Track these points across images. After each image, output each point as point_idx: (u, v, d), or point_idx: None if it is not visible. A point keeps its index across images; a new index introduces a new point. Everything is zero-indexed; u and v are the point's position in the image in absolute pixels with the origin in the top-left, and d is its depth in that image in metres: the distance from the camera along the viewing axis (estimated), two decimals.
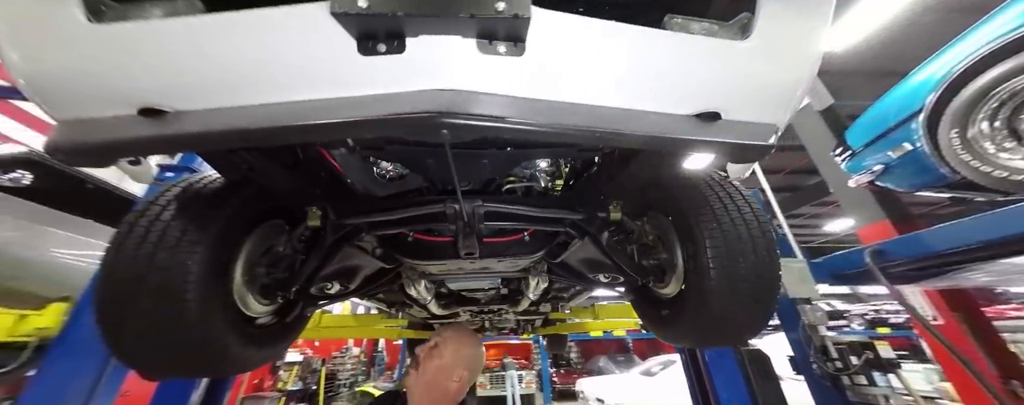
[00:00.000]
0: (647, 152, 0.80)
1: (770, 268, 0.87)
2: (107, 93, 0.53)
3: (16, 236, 1.88)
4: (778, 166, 10.06)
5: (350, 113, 0.48)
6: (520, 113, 0.52)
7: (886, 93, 2.12)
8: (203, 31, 0.50)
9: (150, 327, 0.77)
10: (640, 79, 0.60)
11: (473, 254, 0.95)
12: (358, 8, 0.42)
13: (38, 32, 0.51)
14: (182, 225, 0.80)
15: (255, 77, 0.53)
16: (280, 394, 6.93)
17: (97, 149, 0.50)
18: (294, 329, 1.19)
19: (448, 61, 0.50)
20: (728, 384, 1.77)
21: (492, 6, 0.43)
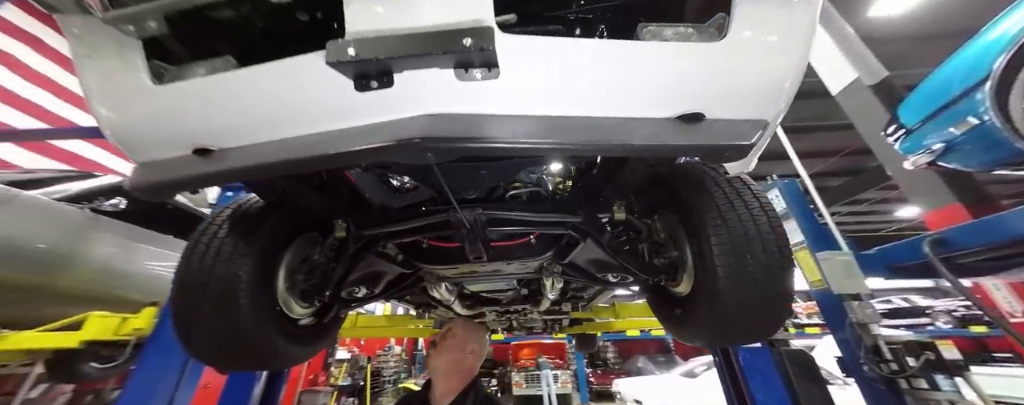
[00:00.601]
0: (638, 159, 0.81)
1: (782, 265, 0.84)
2: (170, 138, 0.66)
3: (117, 252, 2.26)
4: (834, 147, 9.12)
5: (349, 144, 0.56)
6: (497, 131, 0.57)
7: (944, 62, 1.88)
8: (236, 82, 0.60)
9: (212, 328, 0.92)
10: (615, 88, 0.62)
11: (481, 258, 1.01)
12: (348, 57, 0.50)
13: (118, 94, 0.65)
14: (233, 241, 0.94)
15: (276, 116, 0.63)
16: (332, 389, 7.52)
17: (166, 186, 0.63)
18: (331, 329, 1.33)
19: (429, 90, 0.57)
20: (765, 386, 1.68)
21: (459, 42, 0.49)
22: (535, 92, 0.61)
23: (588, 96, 0.63)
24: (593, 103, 0.63)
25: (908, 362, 1.43)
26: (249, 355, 0.99)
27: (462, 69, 0.55)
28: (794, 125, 8.40)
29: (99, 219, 2.21)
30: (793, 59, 0.62)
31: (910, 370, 1.41)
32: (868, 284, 1.75)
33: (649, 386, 5.62)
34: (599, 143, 0.59)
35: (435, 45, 0.49)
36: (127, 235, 2.33)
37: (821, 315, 1.82)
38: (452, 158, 0.58)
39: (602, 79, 0.61)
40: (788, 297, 0.86)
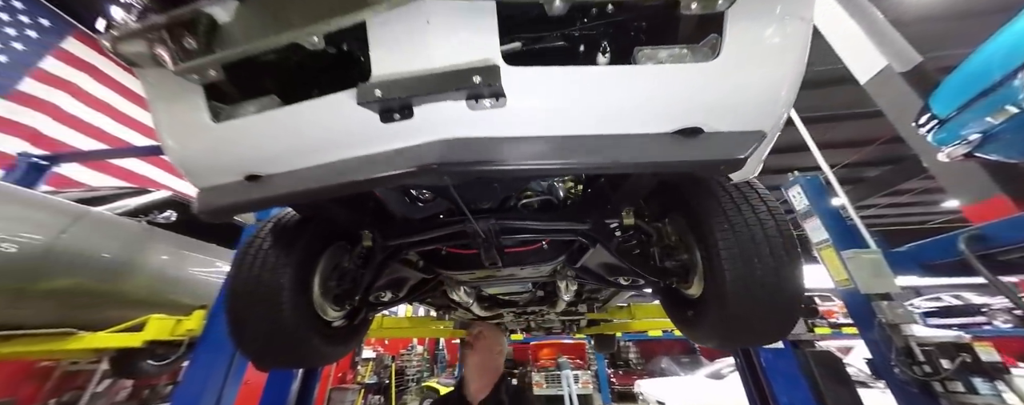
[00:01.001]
0: None
1: (790, 268, 0.86)
2: (225, 167, 0.76)
3: (170, 260, 2.49)
4: (869, 135, 8.59)
5: (375, 171, 0.64)
6: (506, 154, 0.63)
7: (980, 46, 1.78)
8: (280, 118, 0.70)
9: (261, 329, 1.03)
10: (615, 108, 0.67)
11: (496, 264, 1.07)
12: (375, 97, 0.57)
13: (183, 130, 0.76)
14: (276, 253, 1.05)
15: (314, 145, 0.71)
16: (360, 386, 7.83)
17: (226, 210, 0.73)
18: (361, 331, 1.44)
19: (444, 118, 0.64)
20: (790, 388, 1.65)
21: (470, 80, 0.56)
22: (540, 116, 0.67)
23: (590, 117, 0.67)
24: (595, 122, 0.68)
25: (942, 364, 1.37)
26: (292, 354, 1.10)
27: (473, 100, 0.62)
28: (824, 114, 7.99)
29: (154, 231, 2.45)
30: (788, 71, 0.64)
31: (945, 373, 1.36)
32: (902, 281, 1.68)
33: (673, 387, 5.51)
34: (600, 162, 0.63)
35: (449, 84, 0.56)
36: (178, 244, 2.57)
37: (849, 315, 1.77)
38: (466, 180, 0.65)
39: (602, 101, 0.66)
40: (798, 300, 0.87)
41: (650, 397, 5.50)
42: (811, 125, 9.10)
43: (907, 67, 2.94)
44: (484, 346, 1.37)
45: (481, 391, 1.31)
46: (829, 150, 9.76)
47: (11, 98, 3.86)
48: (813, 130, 9.41)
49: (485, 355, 1.36)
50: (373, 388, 8.53)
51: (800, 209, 2.10)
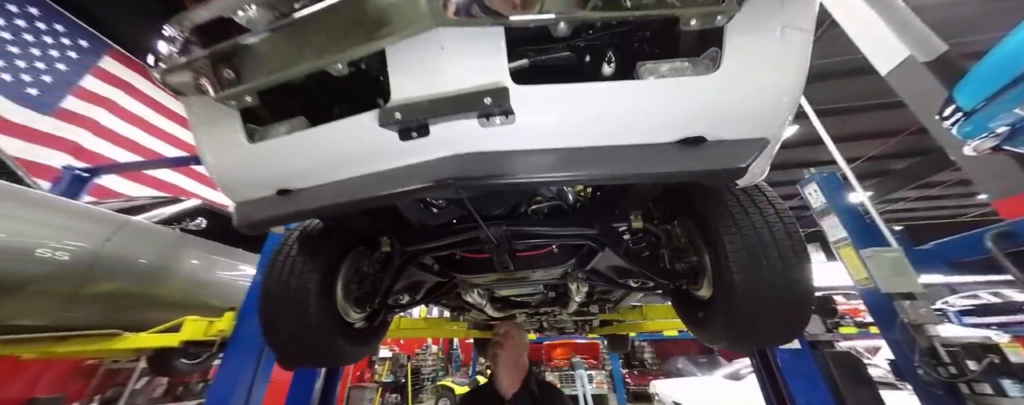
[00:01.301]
0: None
1: (798, 271, 0.87)
2: (259, 183, 0.83)
3: (201, 264, 2.65)
4: (896, 126, 8.23)
5: (395, 186, 0.69)
6: (516, 167, 0.67)
7: (1008, 34, 1.71)
8: (308, 138, 0.76)
9: (291, 330, 1.11)
10: (620, 121, 0.70)
11: (508, 268, 1.12)
12: (395, 119, 0.63)
13: (222, 151, 0.83)
14: (302, 259, 1.13)
15: (339, 161, 0.77)
16: (377, 385, 8.02)
17: (262, 224, 0.80)
18: (380, 332, 1.51)
19: (457, 135, 0.68)
20: (807, 389, 1.63)
21: (481, 102, 0.60)
22: (548, 130, 0.71)
23: (596, 129, 0.71)
24: (601, 134, 0.71)
25: (968, 365, 1.33)
26: (318, 353, 1.18)
27: (484, 118, 0.66)
28: (843, 106, 7.71)
29: (186, 237, 2.60)
30: (788, 81, 0.66)
31: (971, 374, 1.32)
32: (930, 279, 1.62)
33: (689, 388, 5.43)
34: (605, 173, 0.67)
35: (462, 106, 0.61)
36: (208, 250, 2.73)
37: (870, 315, 1.73)
38: (479, 193, 0.69)
39: (607, 114, 0.69)
40: (807, 301, 0.88)
41: (666, 398, 5.43)
42: (830, 117, 8.76)
43: (931, 57, 2.82)
44: (511, 344, 1.47)
45: (512, 386, 1.40)
46: (851, 143, 9.39)
47: (55, 115, 4.16)
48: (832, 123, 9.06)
49: (513, 352, 1.46)
50: (390, 386, 8.73)
51: (817, 207, 2.06)
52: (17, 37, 3.99)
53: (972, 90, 1.84)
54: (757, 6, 0.62)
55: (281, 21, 0.64)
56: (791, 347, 1.70)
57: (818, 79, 7.16)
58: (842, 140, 9.26)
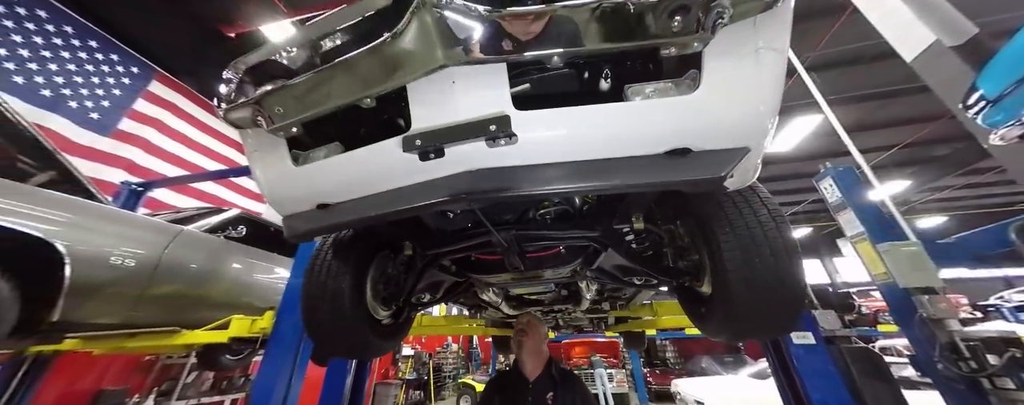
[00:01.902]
0: None
1: (789, 267, 0.92)
2: (302, 199, 0.97)
3: (243, 268, 2.91)
4: (935, 111, 7.71)
5: (417, 200, 0.81)
6: (521, 180, 0.77)
7: None
8: (343, 161, 0.89)
9: (329, 326, 1.26)
10: (611, 137, 0.78)
11: (518, 268, 1.22)
12: (416, 145, 0.74)
13: (273, 173, 0.98)
14: (337, 262, 1.28)
15: (369, 179, 0.90)
16: (401, 382, 8.32)
17: (307, 234, 0.95)
18: (405, 328, 1.65)
19: (468, 154, 0.79)
20: (823, 385, 1.63)
21: (487, 129, 0.71)
22: (548, 147, 0.80)
23: (590, 145, 0.79)
24: (595, 150, 0.80)
25: (988, 360, 1.31)
26: (352, 345, 1.32)
27: (490, 141, 0.77)
28: (877, 91, 7.30)
29: (230, 244, 2.87)
30: (764, 96, 0.73)
31: (992, 369, 1.30)
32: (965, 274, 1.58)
33: (712, 386, 5.33)
34: (599, 184, 0.76)
35: (471, 133, 0.72)
36: (249, 255, 2.99)
37: (890, 311, 1.70)
38: (490, 204, 0.80)
39: (599, 132, 0.78)
40: (799, 295, 0.93)
41: (688, 396, 5.36)
42: (864, 104, 8.30)
43: (960, 40, 2.67)
44: (534, 332, 1.63)
45: (535, 370, 1.56)
46: (888, 129, 8.85)
47: (113, 136, 4.63)
48: (866, 109, 8.59)
49: (536, 339, 1.62)
50: (413, 384, 9.02)
51: (833, 202, 2.03)
52: (81, 68, 4.46)
53: (997, 76, 1.77)
54: (731, 32, 0.69)
55: (322, 66, 0.77)
56: (805, 342, 1.71)
57: (847, 65, 6.82)
58: (878, 127, 8.76)
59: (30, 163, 2.13)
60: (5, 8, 3.81)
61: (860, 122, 8.31)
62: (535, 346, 1.63)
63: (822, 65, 6.63)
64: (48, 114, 4.00)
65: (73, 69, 4.33)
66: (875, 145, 9.24)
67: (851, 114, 7.94)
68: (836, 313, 1.76)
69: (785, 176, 11.18)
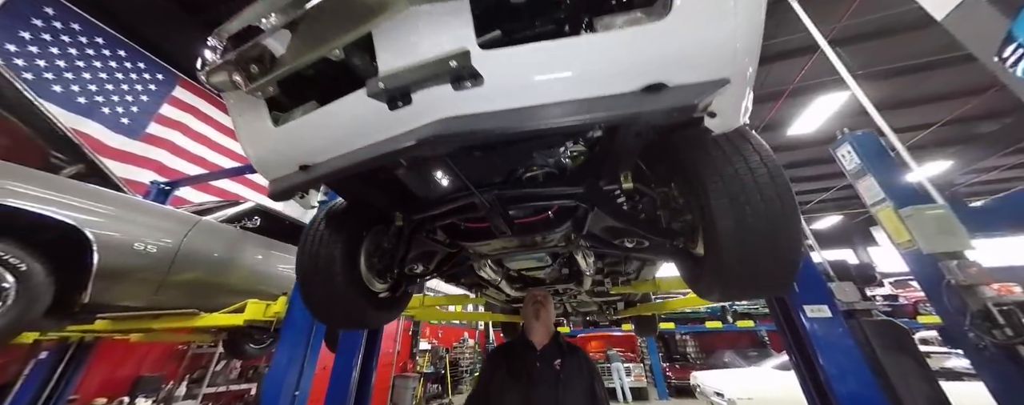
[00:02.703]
0: (623, 127, 0.91)
1: (783, 214, 0.86)
2: (285, 161, 0.99)
3: (258, 257, 3.04)
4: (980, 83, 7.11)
5: (388, 147, 0.81)
6: (487, 124, 0.76)
7: None
8: (316, 118, 0.90)
9: (321, 294, 1.28)
10: (582, 74, 0.75)
11: (506, 233, 1.20)
12: (379, 89, 0.74)
13: (255, 136, 1.00)
14: (329, 231, 1.30)
15: (344, 134, 0.91)
16: (419, 375, 8.48)
17: (288, 191, 0.96)
18: (402, 301, 1.67)
19: (438, 101, 0.78)
20: (839, 360, 1.53)
21: (447, 66, 0.70)
22: (518, 89, 0.77)
23: (562, 84, 0.76)
24: (567, 89, 0.77)
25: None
26: (347, 315, 1.35)
27: (456, 83, 0.76)
28: (916, 63, 6.78)
29: (246, 233, 3.00)
30: (740, 21, 0.68)
31: None
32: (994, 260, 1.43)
33: (731, 378, 5.13)
34: (567, 121, 0.73)
35: (432, 70, 0.71)
36: (263, 244, 3.11)
37: (916, 281, 1.57)
38: (455, 147, 0.79)
39: (569, 69, 0.75)
40: (795, 245, 0.87)
41: (707, 389, 5.19)
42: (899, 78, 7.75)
43: None
44: (548, 306, 1.68)
45: (543, 340, 1.59)
46: (927, 105, 8.23)
47: (143, 139, 4.93)
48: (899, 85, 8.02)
49: (548, 313, 1.67)
50: (431, 377, 9.18)
51: (851, 169, 1.90)
52: (112, 76, 4.77)
53: None
54: None
55: (286, 18, 0.78)
56: (821, 315, 1.60)
57: (875, 37, 6.37)
58: (916, 103, 8.13)
59: (61, 157, 2.29)
60: (43, 23, 4.11)
61: (893, 99, 7.76)
62: (547, 318, 1.68)
63: (849, 38, 6.23)
64: (84, 120, 4.30)
65: (105, 77, 4.63)
66: (911, 124, 8.61)
67: (883, 90, 7.43)
68: (855, 285, 1.65)
69: (810, 161, 10.61)
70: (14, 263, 1.69)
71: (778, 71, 7.26)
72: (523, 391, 1.43)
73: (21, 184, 1.78)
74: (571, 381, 1.45)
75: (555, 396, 1.40)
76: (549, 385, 1.43)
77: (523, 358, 1.54)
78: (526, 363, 1.51)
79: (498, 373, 1.53)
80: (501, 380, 1.50)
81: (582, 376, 1.49)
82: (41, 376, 3.38)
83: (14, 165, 1.86)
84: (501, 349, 1.67)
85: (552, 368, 1.49)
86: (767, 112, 8.17)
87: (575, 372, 1.49)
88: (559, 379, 1.45)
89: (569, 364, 1.51)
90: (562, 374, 1.46)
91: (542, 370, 1.49)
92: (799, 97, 7.60)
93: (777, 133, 9.01)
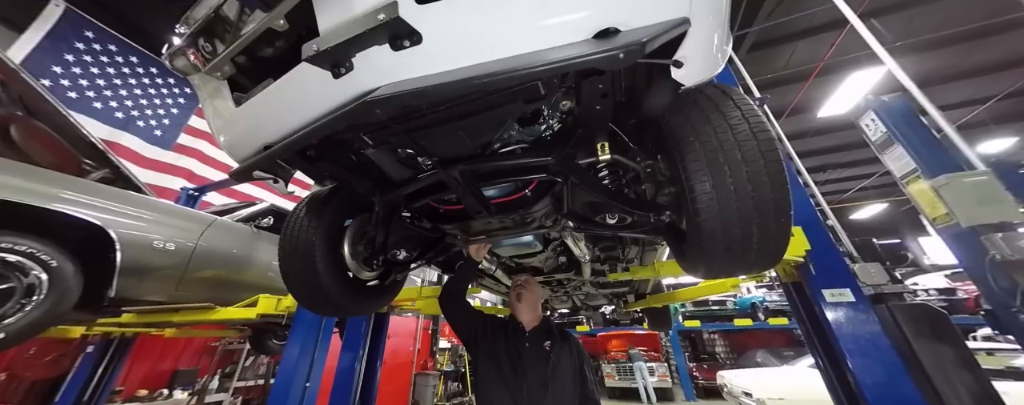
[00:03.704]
0: (586, 88, 0.84)
1: (765, 171, 0.76)
2: (247, 140, 1.00)
3: (272, 254, 3.16)
4: None
5: (331, 113, 0.78)
6: (425, 82, 0.71)
7: None
8: (268, 95, 0.89)
9: (301, 281, 1.29)
10: (526, 23, 0.69)
11: (481, 213, 1.15)
12: (314, 51, 0.72)
13: (220, 117, 1.01)
14: (309, 218, 1.31)
15: (298, 109, 0.89)
16: (439, 373, 8.57)
17: (244, 171, 0.97)
18: (392, 290, 1.65)
19: (380, 67, 0.75)
20: (864, 349, 1.36)
21: (375, 18, 0.66)
22: (460, 48, 0.73)
23: (506, 38, 0.71)
24: (512, 43, 0.71)
25: None
26: (327, 302, 1.34)
27: (394, 42, 0.72)
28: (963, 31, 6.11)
29: (260, 233, 3.13)
30: None
31: None
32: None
33: (760, 376, 4.80)
34: (509, 74, 0.67)
35: (361, 25, 0.67)
36: (276, 242, 3.23)
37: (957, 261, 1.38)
38: (395, 111, 0.75)
39: (511, 19, 0.70)
40: (781, 208, 0.77)
41: (735, 388, 4.88)
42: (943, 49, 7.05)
43: None
44: (532, 288, 1.73)
45: (532, 322, 1.63)
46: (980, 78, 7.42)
47: (174, 149, 5.29)
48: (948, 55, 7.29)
49: (532, 296, 1.71)
50: (451, 375, 9.26)
51: (876, 139, 1.70)
52: (145, 92, 5.14)
53: None
54: None
55: None
56: (842, 300, 1.44)
57: (916, 4, 5.80)
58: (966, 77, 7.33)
59: (90, 163, 2.48)
60: (84, 46, 4.51)
61: (942, 72, 7.03)
62: (532, 302, 1.69)
63: (885, 7, 5.71)
64: (121, 133, 4.67)
65: (139, 93, 5.01)
66: (965, 99, 7.78)
67: (928, 63, 6.75)
68: (883, 266, 1.46)
69: (846, 146, 9.83)
70: (46, 260, 1.82)
71: (804, 50, 6.77)
72: (514, 366, 1.47)
73: (55, 188, 1.93)
74: (560, 362, 1.48)
75: (544, 374, 1.43)
76: (539, 364, 1.47)
77: (515, 338, 1.58)
78: (518, 343, 1.55)
79: (498, 337, 1.58)
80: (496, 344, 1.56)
81: (572, 359, 1.51)
82: (89, 368, 3.69)
83: (50, 171, 2.02)
84: (500, 321, 1.69)
85: (541, 349, 1.52)
86: (793, 96, 7.64)
87: (565, 354, 1.51)
88: (549, 359, 1.48)
89: (558, 346, 1.53)
90: (552, 354, 1.49)
91: (531, 350, 1.52)
92: (829, 75, 7.05)
93: (806, 116, 8.42)
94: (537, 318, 1.66)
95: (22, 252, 1.72)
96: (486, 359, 1.52)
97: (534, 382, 1.40)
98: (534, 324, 1.63)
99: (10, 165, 1.88)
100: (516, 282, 1.77)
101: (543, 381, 1.40)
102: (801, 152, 10.44)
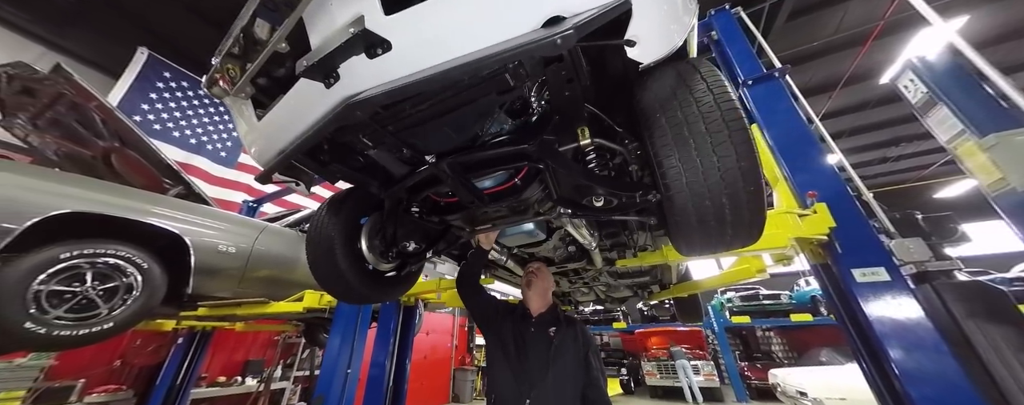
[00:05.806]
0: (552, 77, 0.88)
1: (730, 141, 0.75)
2: (268, 149, 1.17)
3: None
4: None
5: (324, 120, 0.91)
6: (396, 83, 0.80)
7: None
8: (281, 106, 1.05)
9: (325, 272, 1.46)
10: (482, 22, 0.76)
11: (475, 203, 1.23)
12: (304, 66, 0.84)
13: (247, 131, 1.20)
14: (329, 215, 1.48)
15: (300, 117, 1.04)
16: (477, 368, 8.84)
17: (265, 175, 1.14)
18: (408, 280, 1.80)
19: (362, 75, 0.86)
20: (901, 333, 1.23)
21: (347, 31, 0.77)
22: (425, 49, 0.81)
23: (464, 37, 0.78)
24: (471, 40, 0.78)
25: None
26: (350, 290, 1.50)
27: (369, 51, 0.82)
28: None
29: (304, 236, 3.50)
30: None
31: None
32: None
33: (816, 375, 4.34)
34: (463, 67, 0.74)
35: (337, 40, 0.78)
36: None
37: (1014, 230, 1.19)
38: (373, 111, 0.85)
39: (469, 21, 0.77)
40: (750, 178, 0.75)
41: (788, 388, 4.47)
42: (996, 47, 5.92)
43: None
44: (542, 276, 1.77)
45: (540, 309, 1.69)
46: None
47: (236, 167, 6.03)
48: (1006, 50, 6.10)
49: (543, 283, 1.75)
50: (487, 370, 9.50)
51: (917, 101, 1.52)
52: (211, 120, 5.92)
53: None
54: None
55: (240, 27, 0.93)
56: (875, 279, 1.31)
57: None
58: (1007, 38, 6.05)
59: (168, 182, 2.95)
60: (163, 84, 5.32)
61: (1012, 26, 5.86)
62: (542, 288, 1.73)
63: None
64: (194, 156, 5.44)
65: (207, 121, 5.79)
66: None
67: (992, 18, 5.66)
68: (926, 242, 1.30)
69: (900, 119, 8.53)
70: (139, 262, 2.22)
71: (858, 10, 6.01)
72: (519, 349, 1.52)
73: (145, 204, 2.36)
74: (564, 347, 1.51)
75: (546, 358, 1.46)
76: (542, 348, 1.51)
77: (522, 323, 1.63)
78: (524, 327, 1.61)
79: (506, 321, 1.64)
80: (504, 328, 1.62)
81: (576, 344, 1.53)
82: (180, 357, 4.36)
83: (141, 190, 2.46)
84: (508, 305, 1.77)
85: (546, 334, 1.56)
86: (849, 63, 6.80)
87: (570, 340, 1.54)
88: (552, 343, 1.51)
89: (563, 332, 1.55)
90: (555, 340, 1.52)
91: (536, 334, 1.57)
92: (890, 36, 6.20)
93: (867, 85, 7.46)
94: (545, 304, 1.70)
95: (122, 257, 2.12)
96: (494, 342, 1.59)
97: (536, 364, 1.45)
98: (542, 310, 1.67)
99: (114, 187, 2.32)
100: (527, 270, 1.83)
101: (544, 363, 1.44)
102: (865, 126, 9.23)
